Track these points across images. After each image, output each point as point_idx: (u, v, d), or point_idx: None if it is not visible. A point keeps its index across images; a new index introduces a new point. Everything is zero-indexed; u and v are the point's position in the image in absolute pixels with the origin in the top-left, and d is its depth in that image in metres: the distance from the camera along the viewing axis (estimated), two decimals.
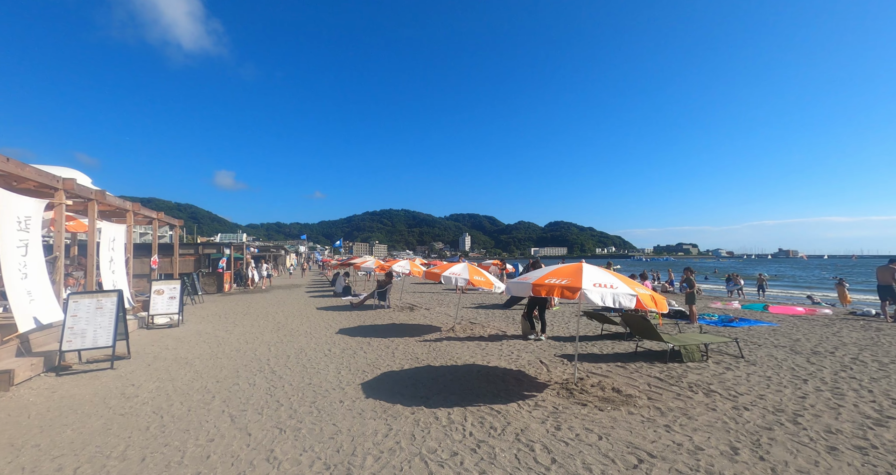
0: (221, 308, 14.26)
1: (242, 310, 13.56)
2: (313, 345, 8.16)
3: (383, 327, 10.24)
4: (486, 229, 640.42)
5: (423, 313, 12.67)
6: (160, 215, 13.42)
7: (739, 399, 4.86)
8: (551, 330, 9.73)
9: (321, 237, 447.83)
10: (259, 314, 12.69)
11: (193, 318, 11.81)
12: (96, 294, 6.85)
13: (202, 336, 9.23)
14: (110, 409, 4.85)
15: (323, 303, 15.68)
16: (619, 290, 4.68)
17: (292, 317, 12.09)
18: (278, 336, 9.14)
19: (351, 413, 4.66)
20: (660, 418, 4.29)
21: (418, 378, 5.96)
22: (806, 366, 6.33)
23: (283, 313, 12.85)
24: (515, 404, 4.82)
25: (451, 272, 8.95)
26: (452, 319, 11.31)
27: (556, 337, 8.91)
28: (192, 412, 4.75)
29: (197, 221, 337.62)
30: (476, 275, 8.87)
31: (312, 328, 10.15)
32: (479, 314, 12.46)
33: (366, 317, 12.01)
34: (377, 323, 10.93)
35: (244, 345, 8.28)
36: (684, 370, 6.14)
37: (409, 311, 13.06)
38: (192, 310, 13.75)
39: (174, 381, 5.92)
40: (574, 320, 11.05)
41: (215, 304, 15.34)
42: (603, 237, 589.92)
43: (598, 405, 4.69)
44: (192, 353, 7.59)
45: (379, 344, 8.25)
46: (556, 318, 11.44)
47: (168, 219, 14.65)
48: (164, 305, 10.56)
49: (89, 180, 9.46)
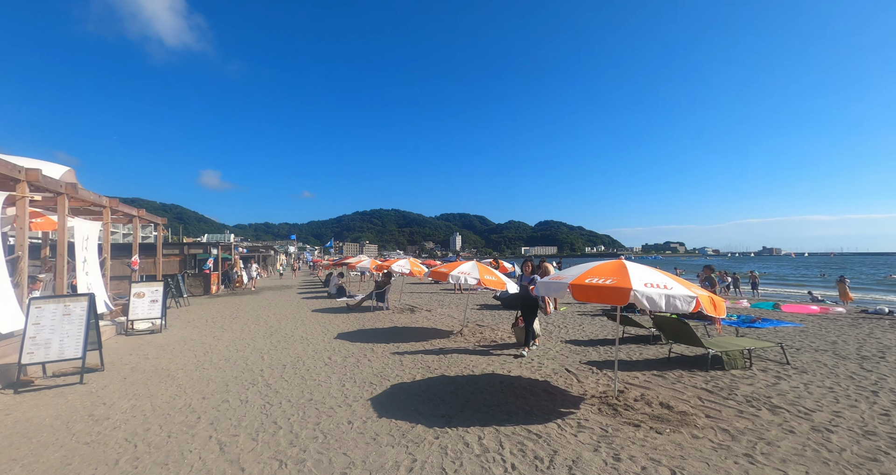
0: (209, 311, 13.37)
1: (231, 314, 12.70)
2: (311, 353, 7.39)
3: (385, 331, 9.50)
4: (477, 229, 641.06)
5: (424, 315, 11.95)
6: (141, 213, 12.48)
7: (814, 417, 4.23)
8: (566, 333, 9.09)
9: (311, 237, 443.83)
10: (249, 317, 11.85)
11: (178, 323, 10.93)
12: (64, 299, 6.00)
13: (187, 343, 8.40)
14: (74, 437, 4.05)
15: (317, 304, 14.86)
16: (674, 292, 4.01)
17: (286, 320, 11.28)
18: (272, 342, 8.35)
19: (363, 437, 3.94)
20: (733, 444, 3.64)
21: (434, 391, 5.25)
22: (863, 373, 5.75)
23: (275, 316, 12.02)
24: (555, 424, 4.14)
25: (459, 271, 8.25)
26: (458, 322, 10.62)
27: (574, 341, 8.27)
28: (172, 438, 3.99)
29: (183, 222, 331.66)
30: (487, 275, 8.19)
31: (308, 333, 9.36)
32: (486, 316, 11.78)
33: (364, 320, 11.26)
34: (378, 326, 10.18)
35: (234, 353, 7.48)
36: (731, 380, 5.52)
37: (410, 313, 12.33)
38: (177, 313, 12.84)
39: (153, 398, 5.12)
40: (588, 321, 10.42)
41: (202, 307, 14.43)
42: (592, 236, 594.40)
43: (652, 425, 4.03)
44: (175, 364, 6.78)
45: (383, 351, 7.52)
46: (567, 320, 10.81)
47: (150, 217, 13.72)
48: (144, 309, 9.67)
49: (65, 170, 8.52)
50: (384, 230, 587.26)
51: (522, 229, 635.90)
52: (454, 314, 12.14)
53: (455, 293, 18.76)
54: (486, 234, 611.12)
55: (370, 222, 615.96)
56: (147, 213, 13.10)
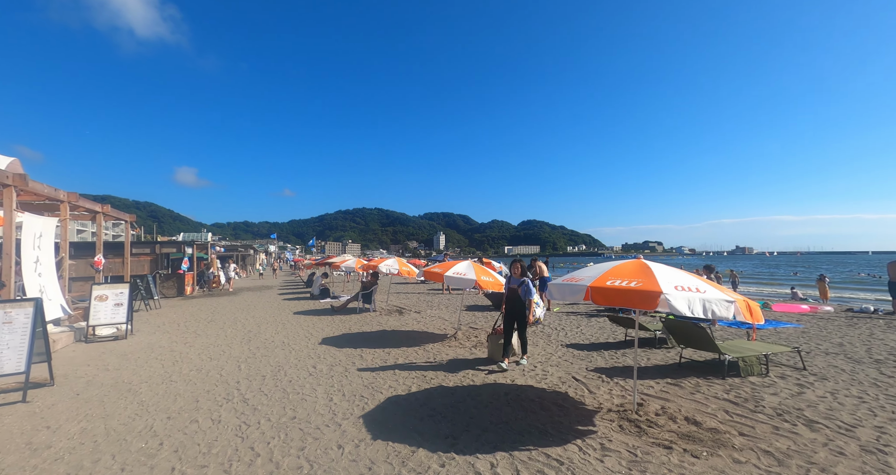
0: (182, 314, 12.49)
1: (206, 317, 11.86)
2: (294, 361, 6.74)
3: (374, 335, 8.89)
4: (461, 228, 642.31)
5: (414, 317, 11.38)
6: (106, 208, 11.52)
7: (858, 434, 3.85)
8: (564, 336, 8.67)
9: (292, 236, 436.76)
10: (226, 321, 11.06)
11: (147, 327, 10.08)
12: (3, 304, 5.21)
13: (154, 350, 7.63)
14: None
15: (299, 306, 14.11)
16: (709, 296, 3.56)
17: (265, 324, 10.54)
18: (250, 349, 7.66)
19: (357, 467, 3.37)
20: (782, 470, 3.21)
21: (433, 405, 4.71)
22: (887, 380, 5.45)
23: (254, 319, 11.26)
24: (575, 446, 3.66)
25: (455, 272, 7.73)
26: (451, 325, 10.09)
27: (575, 345, 7.85)
28: (126, 473, 3.34)
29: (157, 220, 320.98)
30: (483, 276, 7.70)
31: (290, 338, 8.68)
32: (478, 318, 11.28)
33: (350, 322, 10.61)
34: (365, 330, 9.57)
35: (207, 362, 6.77)
36: (752, 389, 5.15)
37: (399, 315, 11.73)
38: (147, 317, 11.93)
39: (108, 419, 4.43)
40: (585, 323, 10.03)
41: (175, 310, 13.50)
42: (574, 235, 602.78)
43: (685, 447, 3.57)
44: (139, 375, 6.04)
45: (373, 357, 6.93)
46: (563, 321, 10.42)
47: (116, 213, 12.74)
48: (107, 313, 8.82)
49: (10, 161, 7.64)
50: (367, 229, 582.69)
51: (506, 228, 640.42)
52: (445, 316, 11.62)
53: (444, 293, 18.23)
54: (469, 234, 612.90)
55: (353, 221, 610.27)
56: (113, 208, 12.13)
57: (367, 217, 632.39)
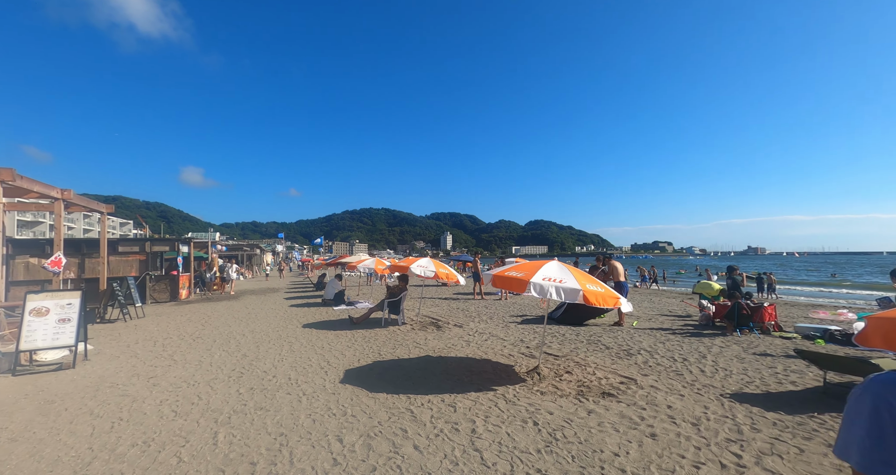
0: (165, 326, 10.05)
1: (194, 330, 9.41)
2: (306, 423, 4.21)
3: (418, 367, 6.31)
4: (468, 228, 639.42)
5: (457, 334, 8.82)
6: (68, 194, 9.11)
7: None
8: (698, 372, 6.06)
9: (299, 236, 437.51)
10: (217, 337, 8.60)
11: (112, 348, 7.64)
12: None
13: (99, 395, 5.16)
14: None
15: (309, 315, 11.62)
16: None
17: (267, 342, 8.05)
18: (239, 394, 5.15)
19: None
20: None
21: None
22: None
23: (252, 335, 8.77)
24: None
25: (545, 277, 5.11)
26: (513, 346, 7.52)
27: (742, 395, 5.25)
28: None
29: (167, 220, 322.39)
30: (590, 284, 5.11)
31: (300, 369, 6.17)
32: (549, 336, 8.67)
33: (378, 341, 8.09)
34: (401, 354, 7.02)
35: (167, 423, 4.25)
36: None
37: (436, 331, 9.17)
38: (120, 331, 9.50)
39: None
40: (698, 345, 7.38)
41: (160, 320, 11.08)
42: (582, 235, 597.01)
43: None
44: (55, 447, 3.56)
45: (432, 415, 4.37)
46: (668, 344, 7.81)
47: (85, 202, 10.32)
48: (48, 333, 6.38)
49: None
50: (374, 229, 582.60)
51: (513, 228, 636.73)
52: (496, 331, 9.04)
53: (475, 299, 15.66)
54: (476, 234, 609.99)
55: (360, 221, 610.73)
56: (78, 195, 9.73)
57: (374, 217, 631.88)
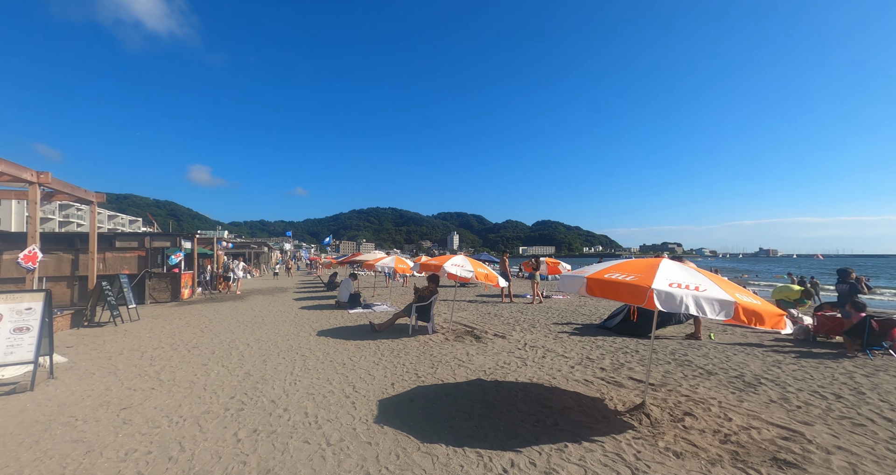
0: (159, 332, 8.69)
1: (192, 337, 8.04)
2: None
3: (470, 395, 4.82)
4: (474, 228, 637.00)
5: (504, 348, 7.34)
6: (45, 178, 7.78)
7: None
8: None
9: (307, 235, 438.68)
10: (217, 347, 7.21)
11: (87, 361, 6.28)
12: None
13: (50, 432, 3.76)
14: None
15: (323, 319, 10.20)
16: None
17: (276, 355, 6.63)
18: (240, 434, 3.72)
19: None
20: None
21: None
22: None
23: (259, 345, 7.37)
24: None
25: (669, 283, 3.59)
26: (591, 371, 6.02)
27: None
28: None
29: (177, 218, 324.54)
30: (740, 294, 3.60)
31: (320, 397, 4.72)
32: (620, 353, 7.15)
33: (410, 355, 6.63)
34: (444, 377, 5.54)
35: None
36: None
37: (476, 343, 7.68)
38: (106, 338, 8.16)
39: None
40: (813, 368, 5.83)
41: (153, 324, 9.73)
42: (590, 236, 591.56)
43: None
44: None
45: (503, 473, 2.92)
46: (769, 364, 6.28)
47: (67, 187, 8.97)
48: (1, 345, 5.02)
49: None
50: (381, 228, 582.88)
51: (520, 229, 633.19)
52: (551, 345, 7.54)
53: (504, 301, 14.15)
54: (483, 234, 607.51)
55: (367, 221, 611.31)
56: (59, 180, 8.40)
57: (381, 216, 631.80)
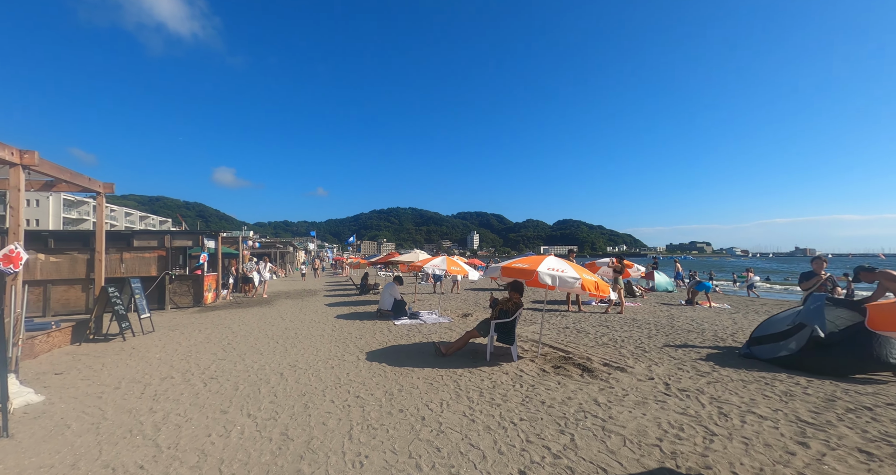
0: (172, 351, 6.96)
1: (210, 360, 6.25)
2: None
3: None
4: (495, 227, 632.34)
5: (641, 391, 5.22)
6: (30, 159, 6.11)
7: None
8: None
9: (328, 235, 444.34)
10: (242, 378, 5.36)
11: (73, 399, 4.51)
12: None
13: None
14: None
15: (367, 333, 8.31)
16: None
17: (320, 394, 4.71)
18: None
19: None
20: None
21: None
22: None
23: (295, 376, 5.48)
24: None
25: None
26: (818, 444, 3.90)
27: None
28: None
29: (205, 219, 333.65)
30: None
31: None
32: (819, 401, 4.99)
33: (511, 404, 4.59)
34: (600, 462, 3.53)
35: None
36: None
37: (592, 379, 5.56)
38: (105, 360, 6.46)
39: None
40: None
41: (168, 339, 8.04)
42: (613, 235, 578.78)
43: None
44: None
45: None
46: None
47: (65, 173, 7.35)
48: None
49: None
50: (401, 228, 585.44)
51: (541, 228, 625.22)
52: (709, 389, 5.36)
53: (572, 310, 12.00)
54: (503, 233, 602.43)
55: (388, 221, 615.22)
56: (51, 162, 6.76)
57: (401, 216, 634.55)
